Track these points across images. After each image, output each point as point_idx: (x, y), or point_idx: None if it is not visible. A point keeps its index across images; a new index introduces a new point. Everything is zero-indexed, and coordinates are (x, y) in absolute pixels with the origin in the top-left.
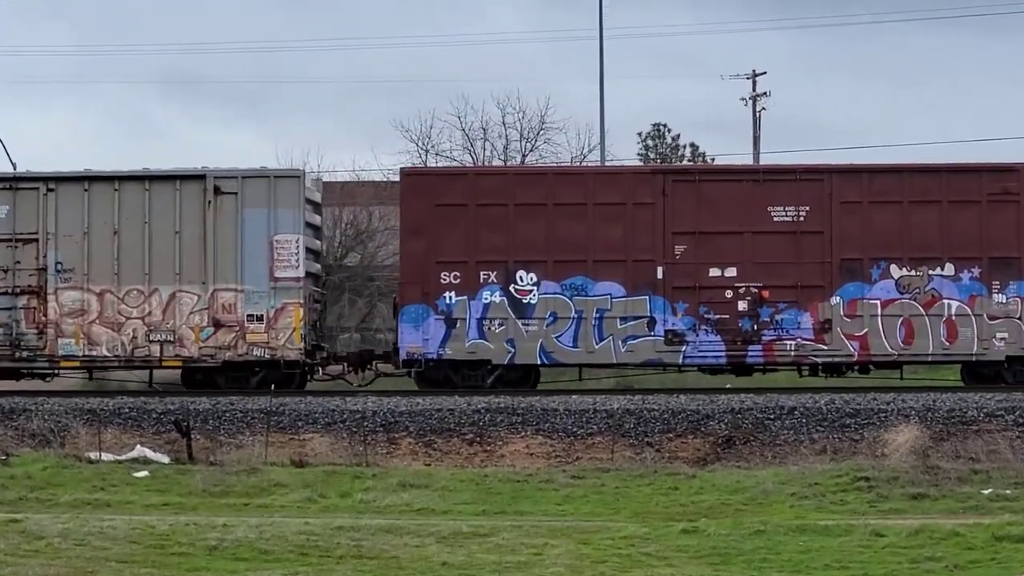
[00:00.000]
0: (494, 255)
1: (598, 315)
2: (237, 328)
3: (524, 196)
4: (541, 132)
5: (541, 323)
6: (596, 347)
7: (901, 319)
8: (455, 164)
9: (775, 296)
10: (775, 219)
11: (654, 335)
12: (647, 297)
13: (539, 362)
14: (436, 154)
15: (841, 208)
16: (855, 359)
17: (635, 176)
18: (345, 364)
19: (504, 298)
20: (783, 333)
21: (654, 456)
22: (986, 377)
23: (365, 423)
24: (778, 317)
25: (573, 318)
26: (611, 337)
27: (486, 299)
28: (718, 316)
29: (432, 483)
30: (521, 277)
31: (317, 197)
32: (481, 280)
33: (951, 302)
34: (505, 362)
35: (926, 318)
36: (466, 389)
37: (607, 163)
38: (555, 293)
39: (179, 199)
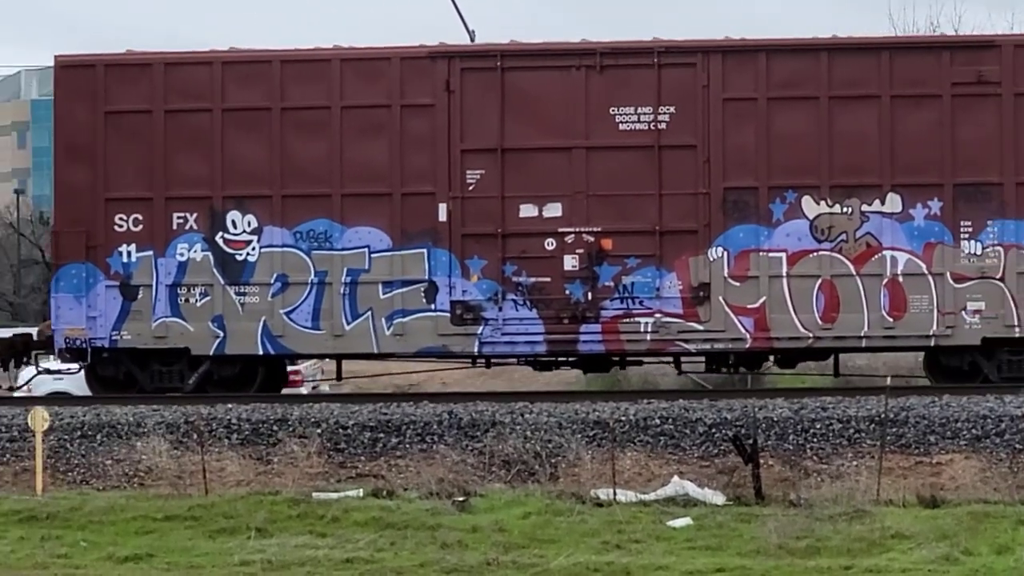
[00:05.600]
0: (193, 188)
1: (350, 279)
2: None
3: (237, 96)
4: None
5: (264, 292)
6: (347, 328)
7: (819, 281)
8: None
9: (622, 247)
10: (621, 127)
11: (435, 310)
12: (424, 250)
13: (261, 351)
14: None
15: (725, 108)
16: (748, 345)
17: (404, 62)
18: None
19: (208, 253)
20: (634, 305)
21: None
22: (956, 371)
23: None
24: (627, 280)
25: (312, 284)
26: (370, 312)
27: (182, 255)
28: (534, 280)
29: None
30: (234, 222)
31: None
32: (174, 226)
33: (897, 254)
34: (211, 351)
35: (858, 280)
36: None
37: None
38: (285, 246)
39: None
